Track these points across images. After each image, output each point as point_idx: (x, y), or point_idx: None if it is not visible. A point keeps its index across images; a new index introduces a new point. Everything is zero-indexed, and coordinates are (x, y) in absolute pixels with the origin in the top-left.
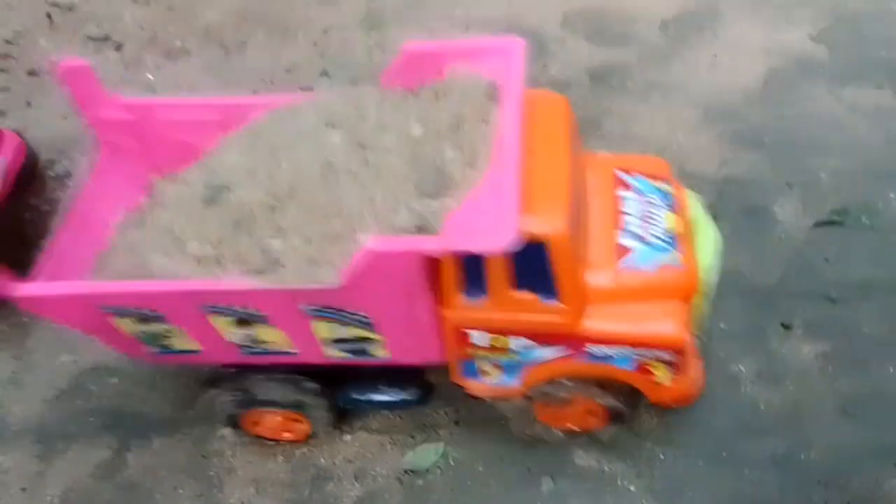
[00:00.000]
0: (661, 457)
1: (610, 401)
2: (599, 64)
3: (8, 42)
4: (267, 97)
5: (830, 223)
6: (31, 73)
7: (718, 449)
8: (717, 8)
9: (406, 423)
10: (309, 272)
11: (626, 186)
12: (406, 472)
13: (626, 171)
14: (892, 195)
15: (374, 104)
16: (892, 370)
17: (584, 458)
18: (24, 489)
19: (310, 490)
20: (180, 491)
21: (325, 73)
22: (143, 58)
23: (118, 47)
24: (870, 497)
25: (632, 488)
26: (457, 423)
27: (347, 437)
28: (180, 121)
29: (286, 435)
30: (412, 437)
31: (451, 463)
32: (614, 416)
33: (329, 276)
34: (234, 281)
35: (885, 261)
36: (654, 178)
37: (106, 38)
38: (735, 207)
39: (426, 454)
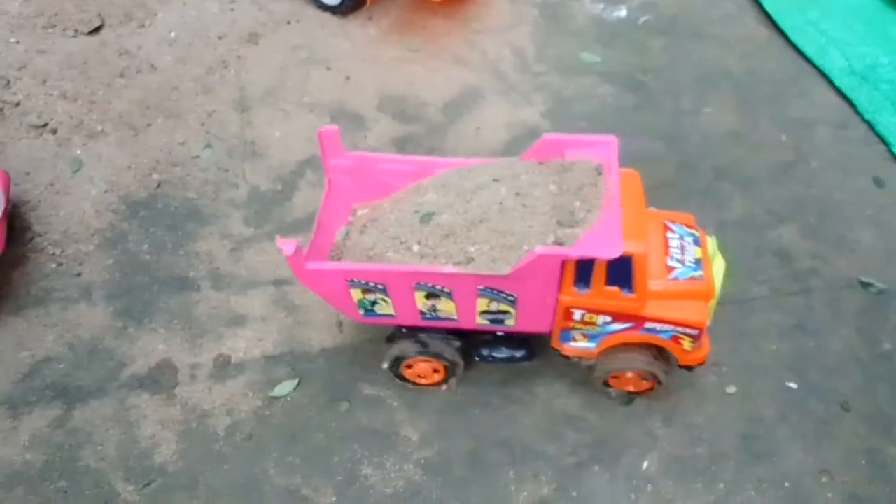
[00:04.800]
0: (410, 387)
1: (653, 369)
2: (401, 135)
3: None
4: (446, 160)
5: None
6: None
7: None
8: (482, 94)
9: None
10: (492, 266)
11: (672, 231)
12: (271, 397)
13: (672, 222)
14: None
15: (523, 169)
16: None
17: (369, 390)
18: (4, 437)
19: (197, 424)
20: (110, 431)
21: (208, 146)
22: (73, 138)
23: (54, 131)
24: None
25: (394, 404)
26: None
27: (221, 388)
28: (384, 170)
29: (422, 381)
30: (279, 377)
31: (297, 394)
32: (656, 382)
33: (504, 270)
34: (446, 268)
35: None
36: (688, 226)
37: (45, 125)
38: None
39: (286, 387)
